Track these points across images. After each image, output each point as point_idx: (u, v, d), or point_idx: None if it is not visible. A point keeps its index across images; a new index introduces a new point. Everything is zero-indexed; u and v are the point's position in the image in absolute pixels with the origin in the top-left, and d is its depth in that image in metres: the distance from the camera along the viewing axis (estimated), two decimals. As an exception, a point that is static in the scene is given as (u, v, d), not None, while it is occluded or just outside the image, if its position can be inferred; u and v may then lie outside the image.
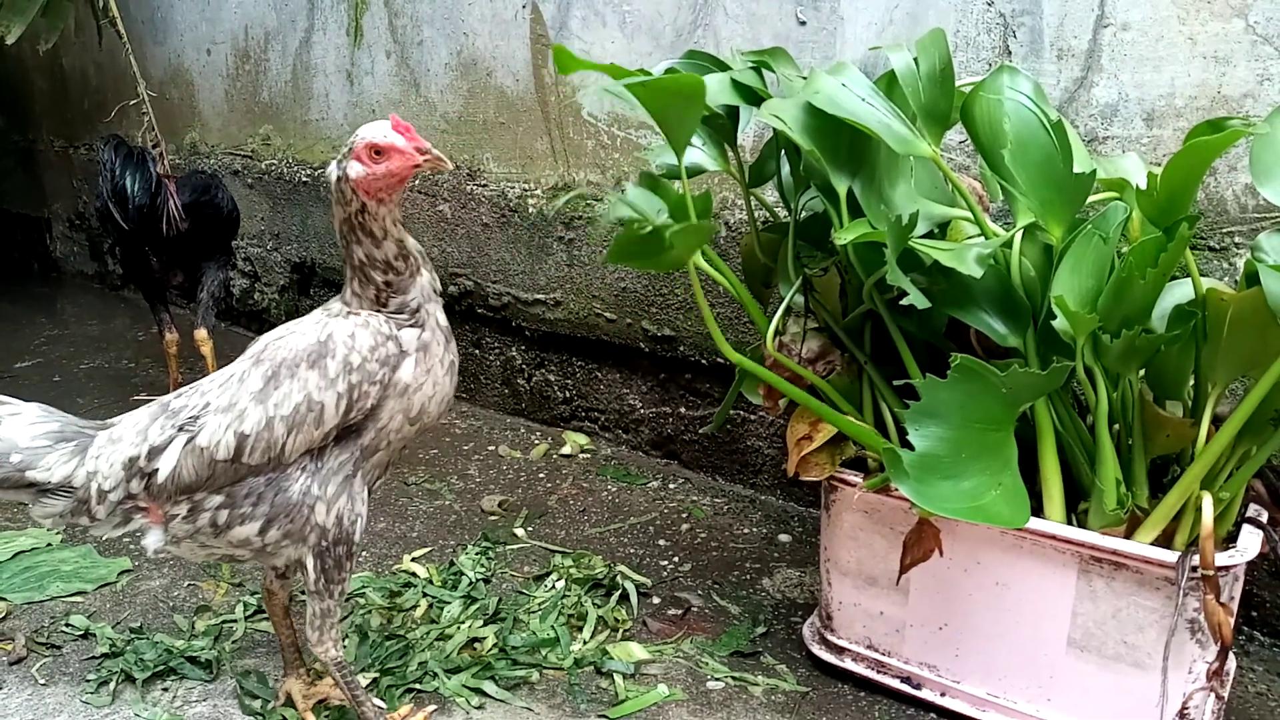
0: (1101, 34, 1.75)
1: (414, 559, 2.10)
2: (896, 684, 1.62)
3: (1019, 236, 1.41)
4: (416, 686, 1.66)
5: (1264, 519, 1.45)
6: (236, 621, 1.85)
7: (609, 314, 2.61)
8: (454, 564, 2.06)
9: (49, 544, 2.15)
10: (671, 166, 1.54)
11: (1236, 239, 1.67)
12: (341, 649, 1.46)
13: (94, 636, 1.81)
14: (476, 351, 3.03)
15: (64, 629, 1.85)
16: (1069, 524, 1.43)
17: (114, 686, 1.67)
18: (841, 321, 1.61)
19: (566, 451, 2.69)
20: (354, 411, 1.35)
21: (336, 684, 1.47)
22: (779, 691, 1.66)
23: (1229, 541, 1.39)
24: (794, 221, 1.62)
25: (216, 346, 2.82)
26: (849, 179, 1.44)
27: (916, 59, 1.44)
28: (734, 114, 1.65)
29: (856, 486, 1.55)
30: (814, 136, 1.41)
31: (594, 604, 1.90)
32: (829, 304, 1.63)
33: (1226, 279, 1.67)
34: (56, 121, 4.63)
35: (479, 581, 1.99)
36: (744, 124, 1.67)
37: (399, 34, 2.95)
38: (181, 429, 1.37)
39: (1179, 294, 1.44)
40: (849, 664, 1.67)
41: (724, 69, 1.63)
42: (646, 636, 1.82)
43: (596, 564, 2.05)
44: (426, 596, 1.93)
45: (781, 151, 1.67)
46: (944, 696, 1.57)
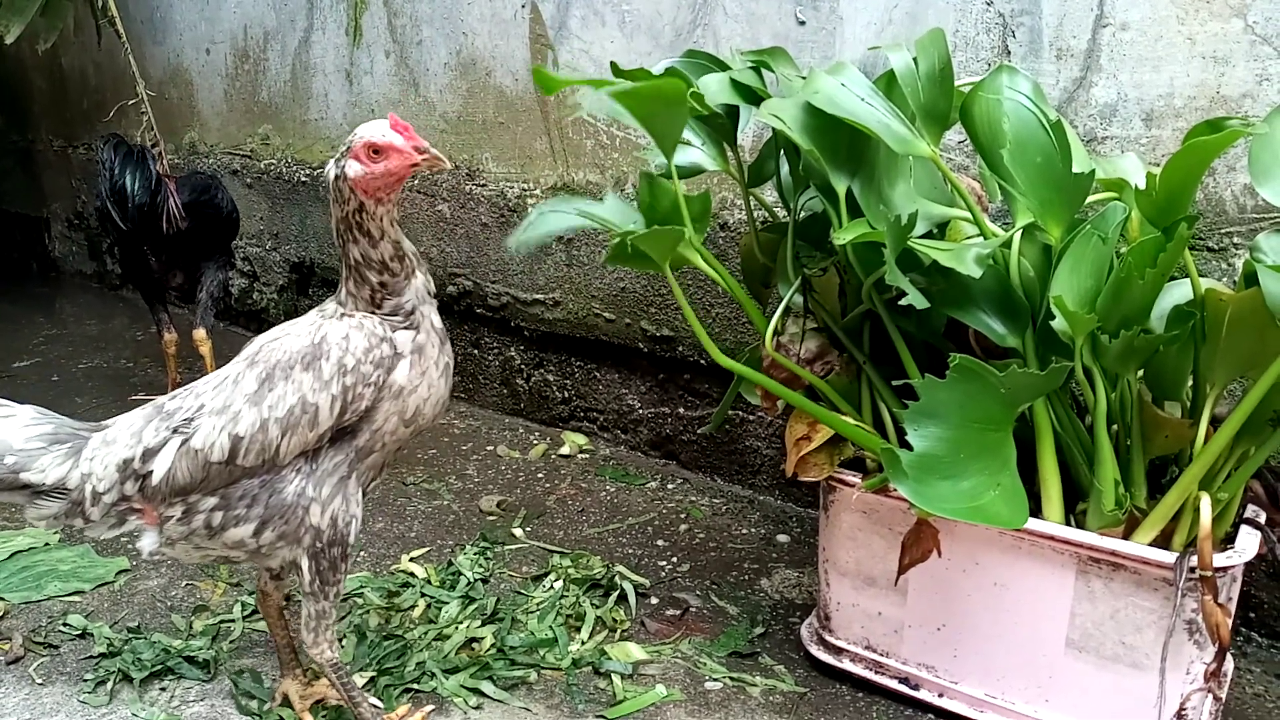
0: (1100, 34, 1.74)
1: (412, 559, 2.09)
2: (894, 684, 1.61)
3: (1018, 236, 1.41)
4: (414, 686, 1.66)
5: (1262, 520, 1.45)
6: (234, 621, 1.85)
7: (608, 314, 2.60)
8: (452, 564, 2.06)
9: (46, 544, 2.15)
10: (667, 167, 1.54)
11: (1235, 239, 1.67)
12: (337, 650, 1.46)
13: (91, 636, 1.81)
14: (475, 351, 3.03)
15: (61, 628, 1.84)
16: (1067, 524, 1.42)
17: (111, 686, 1.67)
18: (840, 321, 1.60)
19: (565, 452, 2.69)
20: (348, 413, 1.35)
21: (333, 685, 1.47)
22: (777, 692, 1.66)
23: (1227, 542, 1.39)
24: (793, 221, 1.62)
25: (215, 346, 2.83)
26: (848, 179, 1.44)
27: (916, 59, 1.44)
28: (733, 114, 1.65)
29: (855, 487, 1.55)
30: (813, 136, 1.41)
31: (592, 604, 1.89)
32: (828, 304, 1.63)
33: (1225, 279, 1.67)
34: (55, 121, 4.63)
35: (477, 581, 1.98)
36: (743, 124, 1.67)
37: (398, 33, 2.95)
38: (176, 431, 1.36)
39: (1178, 294, 1.44)
40: (847, 664, 1.67)
41: (723, 68, 1.63)
42: (645, 637, 1.82)
43: (595, 564, 2.05)
44: (424, 596, 1.93)
45: (781, 151, 1.67)
46: (942, 697, 1.57)
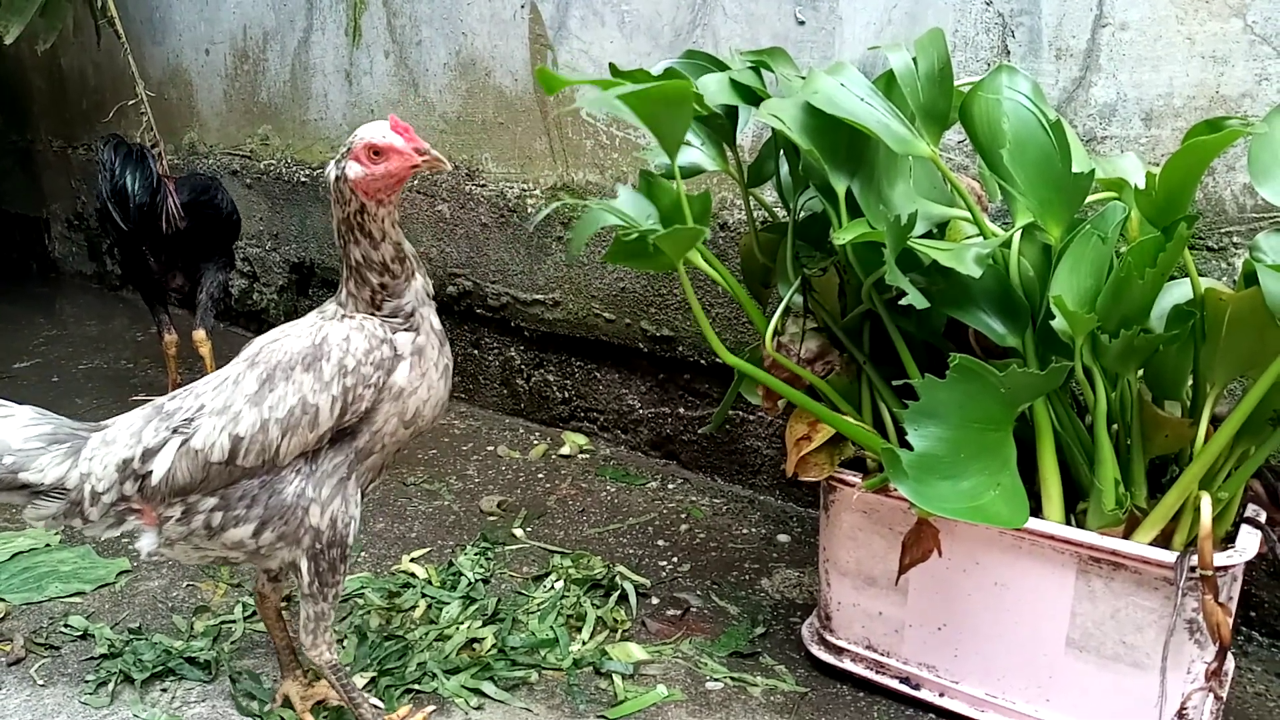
0: (1100, 34, 1.74)
1: (413, 559, 2.09)
2: (895, 684, 1.62)
3: (1018, 236, 1.41)
4: (415, 687, 1.66)
5: (1262, 519, 1.45)
6: (235, 622, 1.85)
7: (608, 314, 2.60)
8: (453, 564, 2.06)
9: (47, 545, 2.15)
10: (669, 167, 1.54)
11: (1235, 239, 1.67)
12: (336, 652, 1.46)
13: (93, 637, 1.81)
14: (475, 352, 3.03)
15: (63, 630, 1.84)
16: (1068, 524, 1.42)
17: (112, 687, 1.67)
18: (840, 321, 1.61)
19: (565, 452, 2.69)
20: (348, 415, 1.35)
21: (333, 687, 1.47)
22: (778, 692, 1.66)
23: (1227, 541, 1.39)
24: (793, 221, 1.62)
25: (215, 347, 2.83)
26: (848, 179, 1.44)
27: (915, 59, 1.44)
28: (733, 114, 1.65)
29: (855, 487, 1.55)
30: (813, 136, 1.41)
31: (593, 604, 1.89)
32: (828, 304, 1.63)
33: (1225, 279, 1.67)
34: (55, 121, 4.62)
35: (478, 582, 1.99)
36: (743, 124, 1.67)
37: (397, 34, 2.95)
38: (176, 431, 1.36)
39: (1177, 294, 1.44)
40: (848, 664, 1.67)
41: (723, 69, 1.63)
42: (645, 637, 1.82)
43: (595, 564, 2.05)
44: (425, 597, 1.93)
45: (780, 151, 1.67)
46: (943, 697, 1.57)
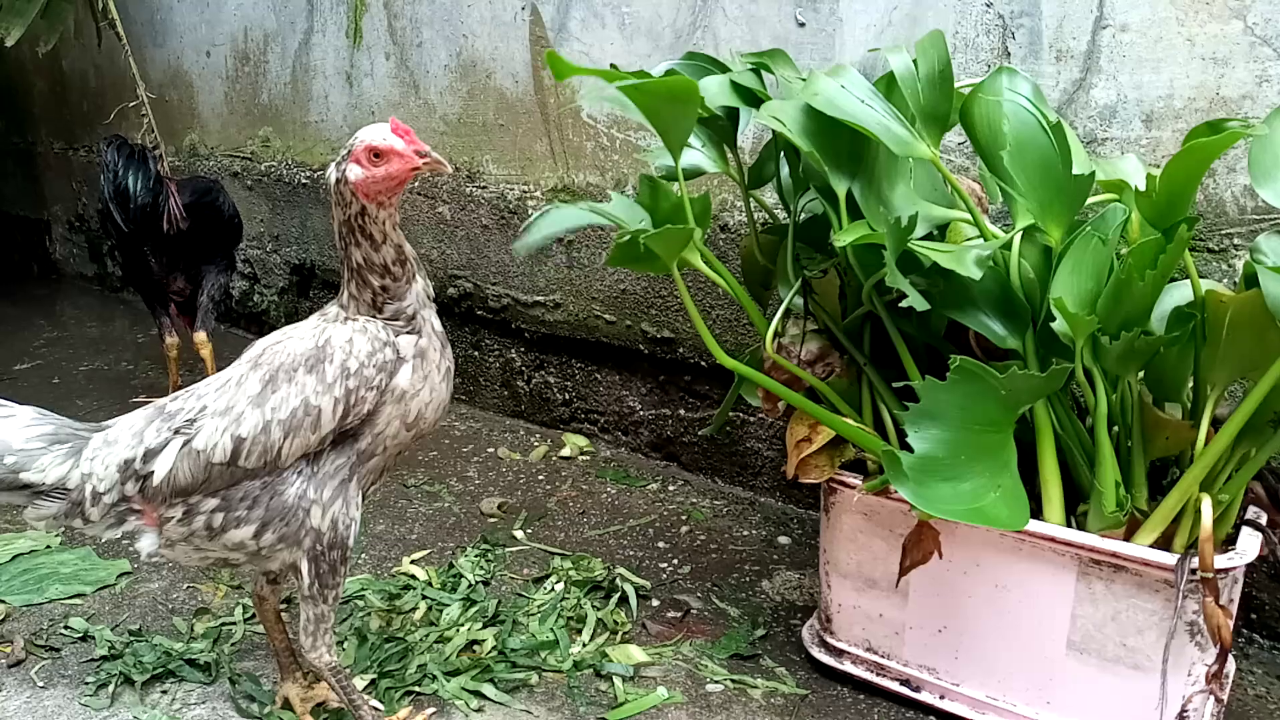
0: (1100, 35, 1.75)
1: (413, 561, 2.09)
2: (896, 686, 1.61)
3: (1018, 238, 1.41)
4: (415, 689, 1.66)
5: (1263, 521, 1.45)
6: (235, 624, 1.85)
7: (608, 316, 2.60)
8: (453, 566, 2.06)
9: (48, 546, 2.15)
10: (670, 169, 1.54)
11: (1236, 240, 1.67)
12: (336, 654, 1.46)
13: (93, 639, 1.81)
14: (476, 353, 3.03)
15: (63, 631, 1.84)
16: (1068, 526, 1.42)
17: (113, 689, 1.67)
18: (841, 323, 1.61)
19: (566, 453, 2.69)
20: (351, 417, 1.35)
21: (332, 688, 1.47)
22: (778, 694, 1.66)
23: (1228, 544, 1.39)
24: (793, 223, 1.62)
25: (216, 349, 2.83)
26: (848, 181, 1.44)
27: (915, 61, 1.44)
28: (733, 116, 1.65)
29: (856, 489, 1.55)
30: (813, 138, 1.41)
31: (593, 606, 1.89)
32: (828, 306, 1.63)
33: (1226, 281, 1.67)
34: (56, 123, 4.63)
35: (478, 584, 1.98)
36: (743, 126, 1.67)
37: (398, 36, 2.95)
38: (178, 432, 1.37)
39: (1178, 296, 1.44)
40: (848, 666, 1.67)
41: (723, 70, 1.63)
42: (646, 639, 1.82)
43: (596, 566, 2.05)
44: (425, 599, 1.93)
45: (781, 153, 1.67)
46: (943, 699, 1.57)
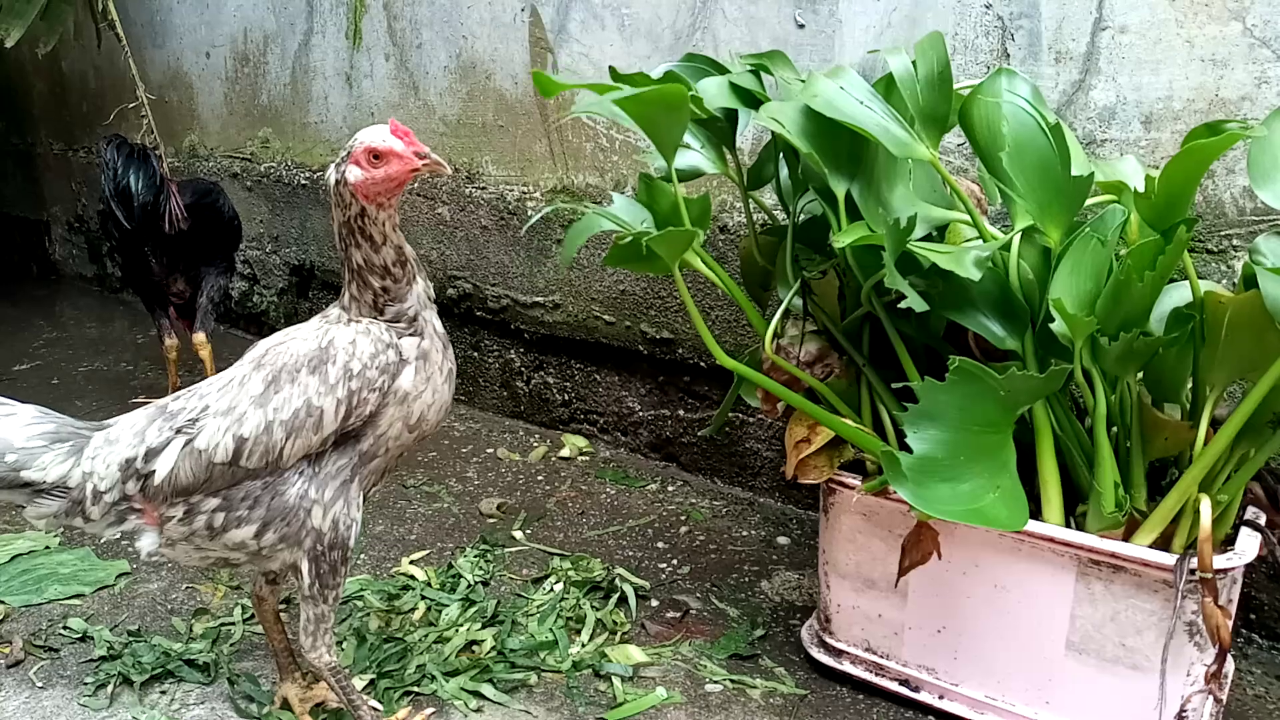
0: (1099, 37, 1.75)
1: (412, 561, 2.09)
2: (895, 686, 1.61)
3: (1017, 239, 1.41)
4: (414, 689, 1.66)
5: (1262, 522, 1.45)
6: (234, 624, 1.85)
7: (608, 316, 2.61)
8: (452, 567, 2.06)
9: (47, 547, 2.15)
10: (667, 170, 1.55)
11: (1235, 241, 1.68)
12: (336, 654, 1.46)
13: (92, 639, 1.81)
14: (475, 354, 3.03)
15: (62, 632, 1.84)
16: (1067, 527, 1.43)
17: (111, 689, 1.67)
18: (840, 324, 1.61)
19: (565, 454, 2.69)
20: (353, 418, 1.35)
21: (332, 688, 1.47)
22: (777, 694, 1.66)
23: (1227, 544, 1.39)
24: (792, 224, 1.62)
25: (215, 350, 2.83)
26: (847, 182, 1.44)
27: (915, 62, 1.44)
28: (732, 117, 1.65)
29: (855, 489, 1.55)
30: (812, 140, 1.41)
31: (592, 607, 1.89)
32: (827, 307, 1.64)
33: (1225, 282, 1.67)
34: (55, 124, 4.63)
35: (477, 584, 1.98)
36: (742, 127, 1.67)
37: (398, 37, 2.96)
38: (180, 431, 1.37)
39: (1177, 297, 1.44)
40: (847, 666, 1.67)
41: (722, 72, 1.63)
42: (645, 639, 1.82)
43: (595, 567, 2.05)
44: (425, 599, 1.93)
45: (780, 155, 1.67)
46: (942, 699, 1.57)
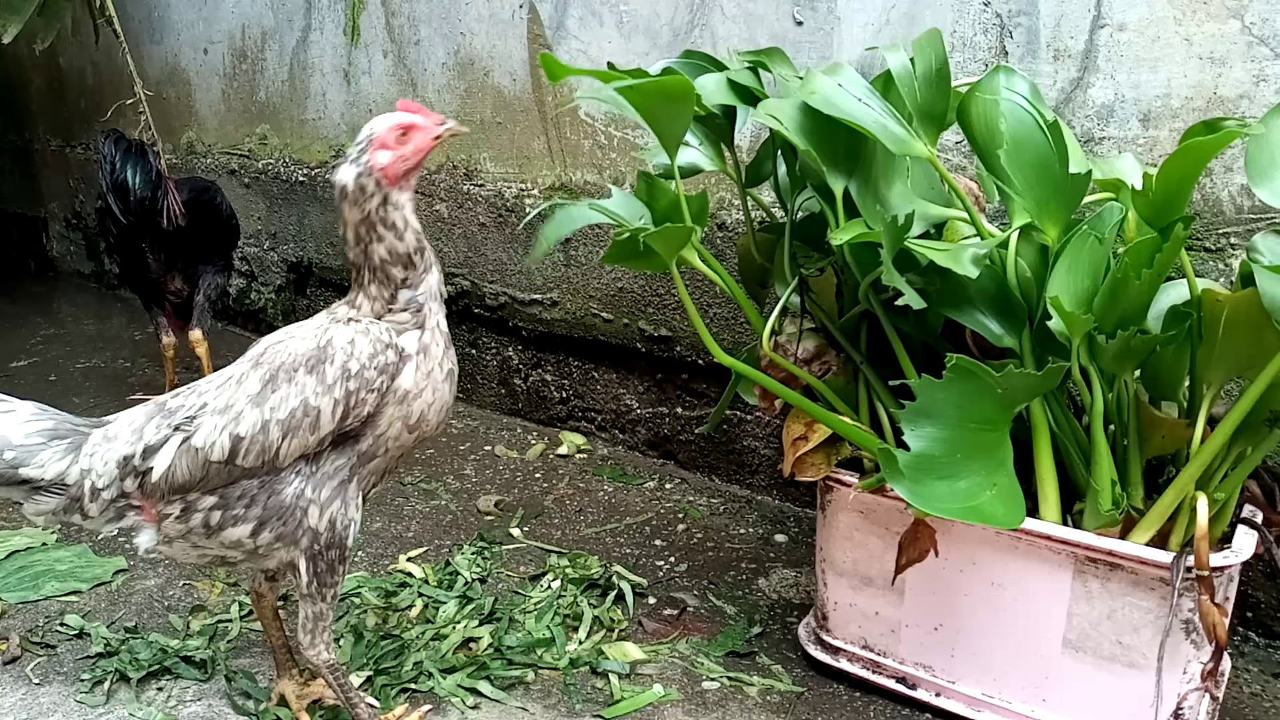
0: (1098, 34, 1.75)
1: (410, 559, 2.09)
2: (892, 684, 1.62)
3: (1015, 237, 1.41)
4: (411, 686, 1.66)
5: (1259, 520, 1.45)
6: (231, 621, 1.85)
7: (606, 314, 2.60)
8: (450, 564, 2.06)
9: (44, 544, 2.15)
10: (667, 167, 1.54)
11: (1232, 240, 1.68)
12: (334, 652, 1.46)
13: (89, 636, 1.81)
14: (473, 351, 3.03)
15: (59, 628, 1.84)
16: (1064, 524, 1.43)
17: (108, 686, 1.67)
18: (837, 322, 1.61)
19: (563, 451, 2.69)
20: (350, 418, 1.35)
21: (330, 686, 1.47)
22: (774, 692, 1.66)
23: (1224, 542, 1.39)
24: (790, 222, 1.62)
25: (212, 347, 2.83)
26: (845, 179, 1.44)
27: (913, 59, 1.44)
28: (731, 114, 1.65)
29: (852, 487, 1.55)
30: (810, 137, 1.41)
31: (590, 604, 1.89)
32: (825, 304, 1.64)
33: (1222, 280, 1.67)
34: (53, 121, 4.62)
35: (475, 581, 1.99)
36: (741, 124, 1.67)
37: (396, 33, 2.95)
38: (177, 429, 1.36)
39: (1174, 295, 1.44)
40: (844, 664, 1.67)
41: (721, 69, 1.63)
42: (642, 637, 1.82)
43: (592, 564, 2.05)
44: (422, 596, 1.93)
45: (778, 152, 1.67)
46: (939, 697, 1.57)
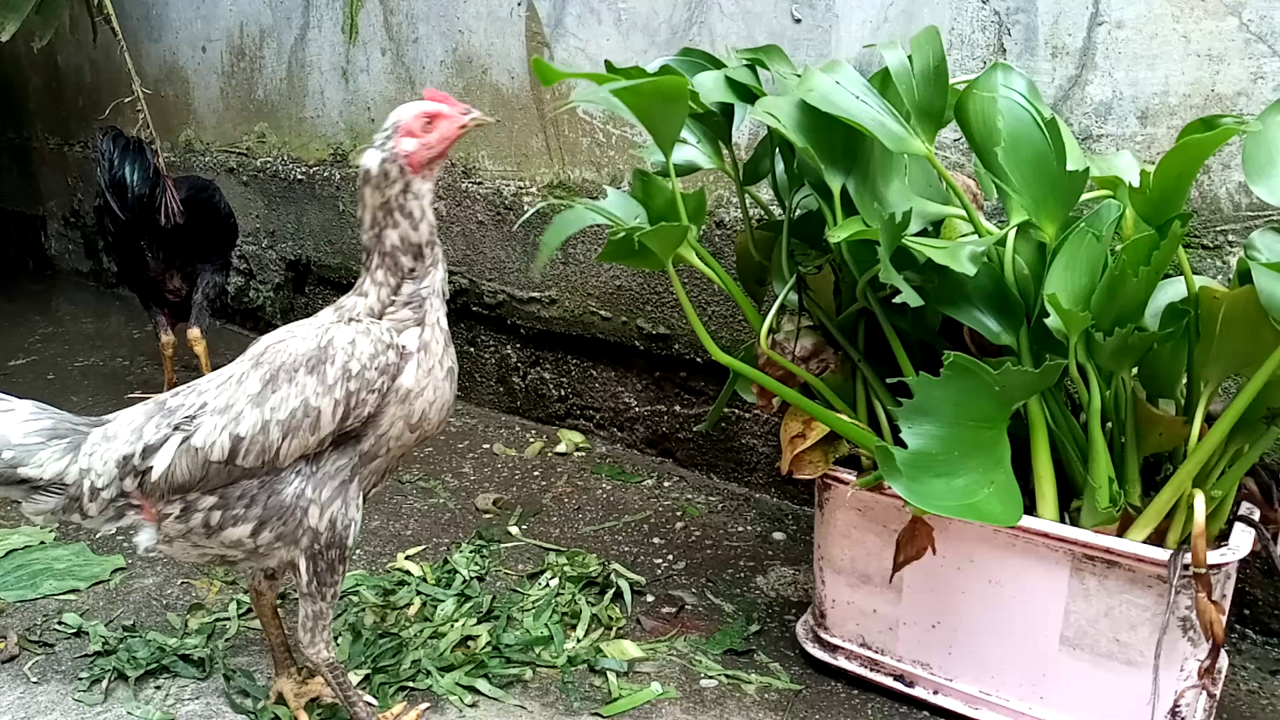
0: (1096, 32, 1.75)
1: (408, 557, 2.09)
2: (889, 682, 1.62)
3: (1012, 234, 1.41)
4: (410, 684, 1.66)
5: (1256, 517, 1.45)
6: (229, 619, 1.85)
7: (604, 312, 2.60)
8: (448, 562, 2.06)
9: (42, 542, 2.15)
10: (664, 165, 1.54)
11: (1230, 237, 1.68)
12: (334, 650, 1.46)
13: (87, 634, 1.81)
14: (471, 349, 3.03)
15: (56, 627, 1.84)
16: (1062, 522, 1.43)
17: (106, 684, 1.67)
18: (835, 319, 1.61)
19: (561, 449, 2.69)
20: (351, 419, 1.35)
21: (329, 684, 1.47)
22: (772, 689, 1.66)
23: (1221, 539, 1.39)
24: (788, 219, 1.62)
25: (211, 345, 2.83)
26: (843, 177, 1.44)
27: (911, 57, 1.44)
28: (729, 112, 1.65)
29: (850, 485, 1.55)
30: (808, 134, 1.41)
31: (588, 602, 1.89)
32: (823, 302, 1.64)
33: (1220, 277, 1.67)
34: (51, 119, 4.62)
35: (473, 580, 1.99)
36: (739, 121, 1.67)
37: (394, 31, 2.95)
38: (177, 428, 1.36)
39: (1172, 292, 1.44)
40: (842, 662, 1.67)
41: (719, 66, 1.63)
42: (640, 634, 1.82)
43: (591, 562, 2.05)
44: (420, 594, 1.93)
45: (776, 149, 1.67)
46: (937, 694, 1.57)
